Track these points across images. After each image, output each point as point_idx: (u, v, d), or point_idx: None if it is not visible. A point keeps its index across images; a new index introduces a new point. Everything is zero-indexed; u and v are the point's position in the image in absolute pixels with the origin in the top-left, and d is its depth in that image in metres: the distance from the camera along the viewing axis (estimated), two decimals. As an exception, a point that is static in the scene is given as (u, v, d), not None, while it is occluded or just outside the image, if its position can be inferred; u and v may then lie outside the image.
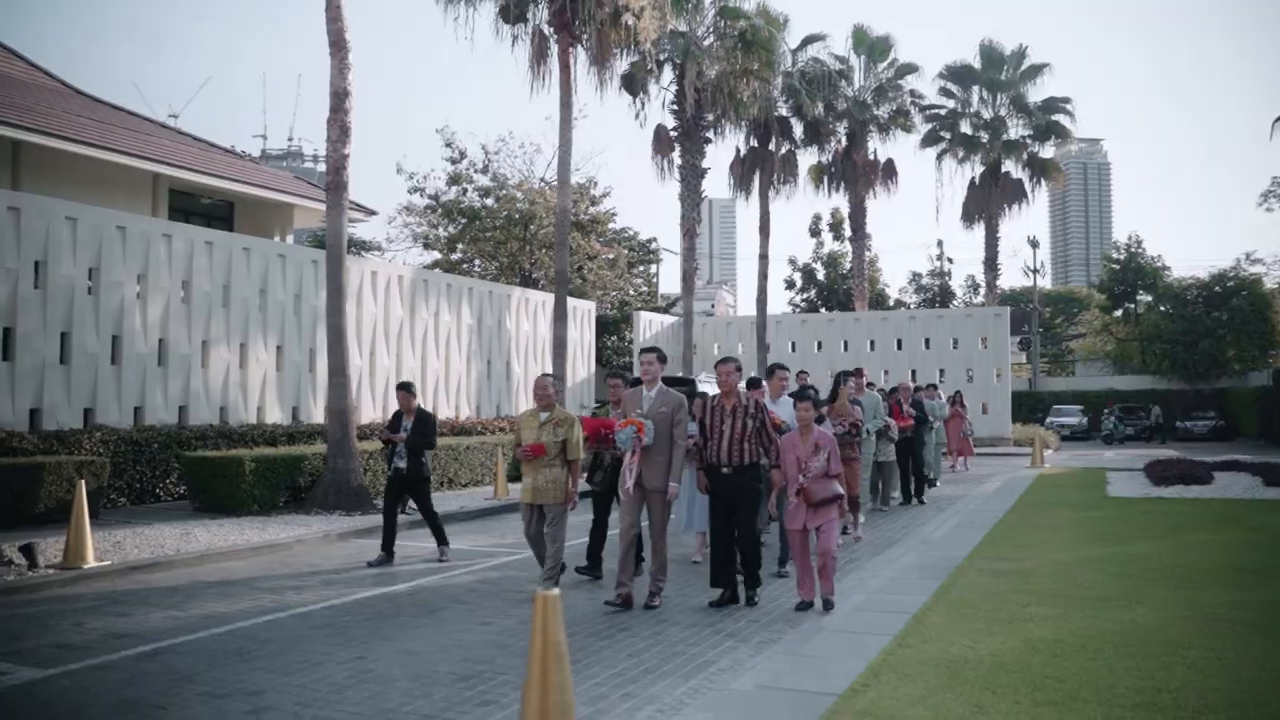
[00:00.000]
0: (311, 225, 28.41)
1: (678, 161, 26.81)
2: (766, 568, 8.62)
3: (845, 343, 32.21)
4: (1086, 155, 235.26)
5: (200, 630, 7.23)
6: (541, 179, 41.40)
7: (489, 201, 37.66)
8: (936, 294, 47.42)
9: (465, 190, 37.51)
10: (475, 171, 37.57)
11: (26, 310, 13.88)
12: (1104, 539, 10.39)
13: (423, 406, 10.75)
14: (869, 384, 14.66)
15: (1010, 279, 61.97)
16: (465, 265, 39.00)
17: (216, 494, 13.46)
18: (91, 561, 9.35)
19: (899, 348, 31.51)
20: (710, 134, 27.45)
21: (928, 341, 31.26)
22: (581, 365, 28.76)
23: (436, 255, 39.78)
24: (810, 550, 7.63)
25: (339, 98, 14.44)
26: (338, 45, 14.40)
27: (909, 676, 5.29)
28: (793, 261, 49.95)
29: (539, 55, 19.99)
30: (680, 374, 21.82)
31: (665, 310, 47.28)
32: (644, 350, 8.13)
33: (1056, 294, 69.41)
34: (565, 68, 20.05)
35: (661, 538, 8.03)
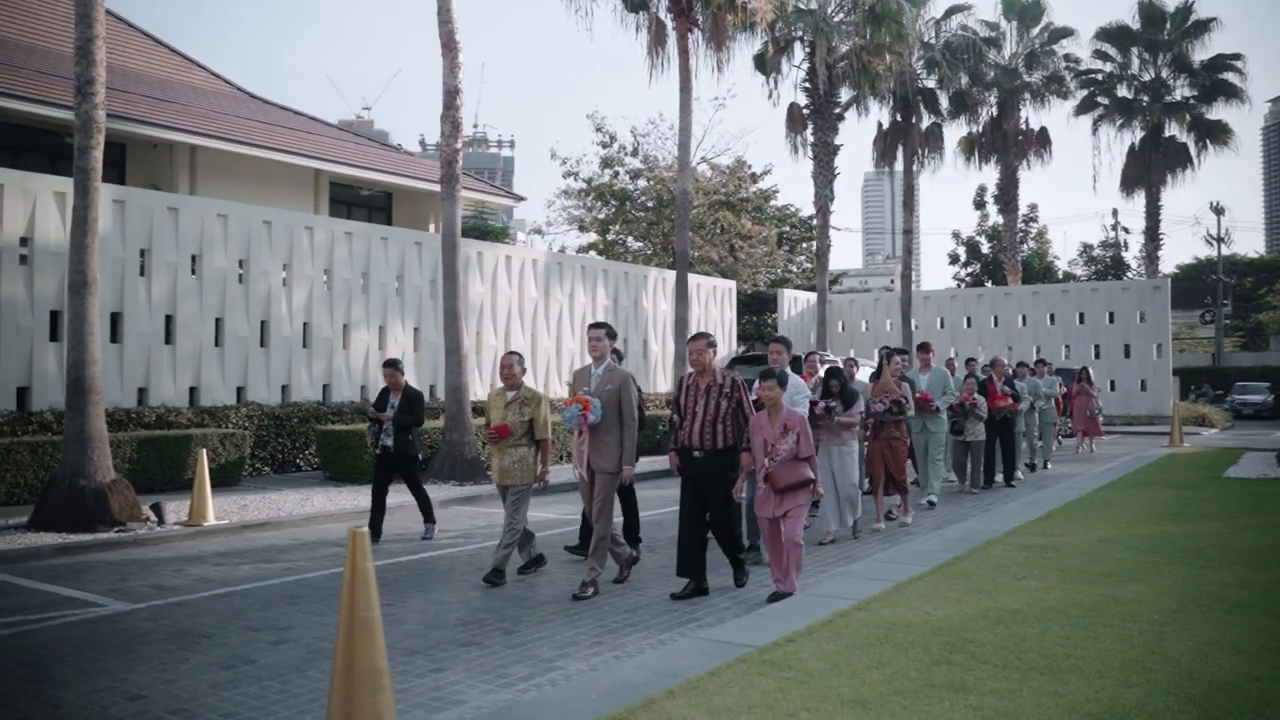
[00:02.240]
0: (469, 212, 29.91)
1: (810, 139, 26.82)
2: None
3: (995, 318, 31.37)
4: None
5: (272, 579, 8.30)
6: (702, 159, 42.08)
7: (640, 183, 38.52)
8: (1109, 266, 45.07)
9: (617, 173, 38.47)
10: (626, 155, 38.50)
11: (185, 299, 15.61)
12: (1168, 518, 10.16)
13: (410, 385, 10.55)
14: (960, 361, 14.56)
15: (1200, 248, 57.85)
16: (619, 247, 40.07)
17: (344, 464, 14.82)
18: (211, 520, 10.68)
19: (1051, 323, 30.44)
20: (842, 110, 27.31)
21: (1082, 316, 30.05)
22: (721, 344, 29.25)
23: (593, 237, 41.01)
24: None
25: (450, 95, 15.48)
26: (449, 46, 15.41)
27: (839, 635, 5.66)
28: (956, 235, 48.66)
29: (657, 41, 20.58)
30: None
31: (829, 287, 46.97)
32: (592, 326, 7.82)
33: (1265, 261, 63.55)
34: (684, 53, 20.56)
35: (605, 524, 7.64)
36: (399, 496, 13.09)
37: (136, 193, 15.46)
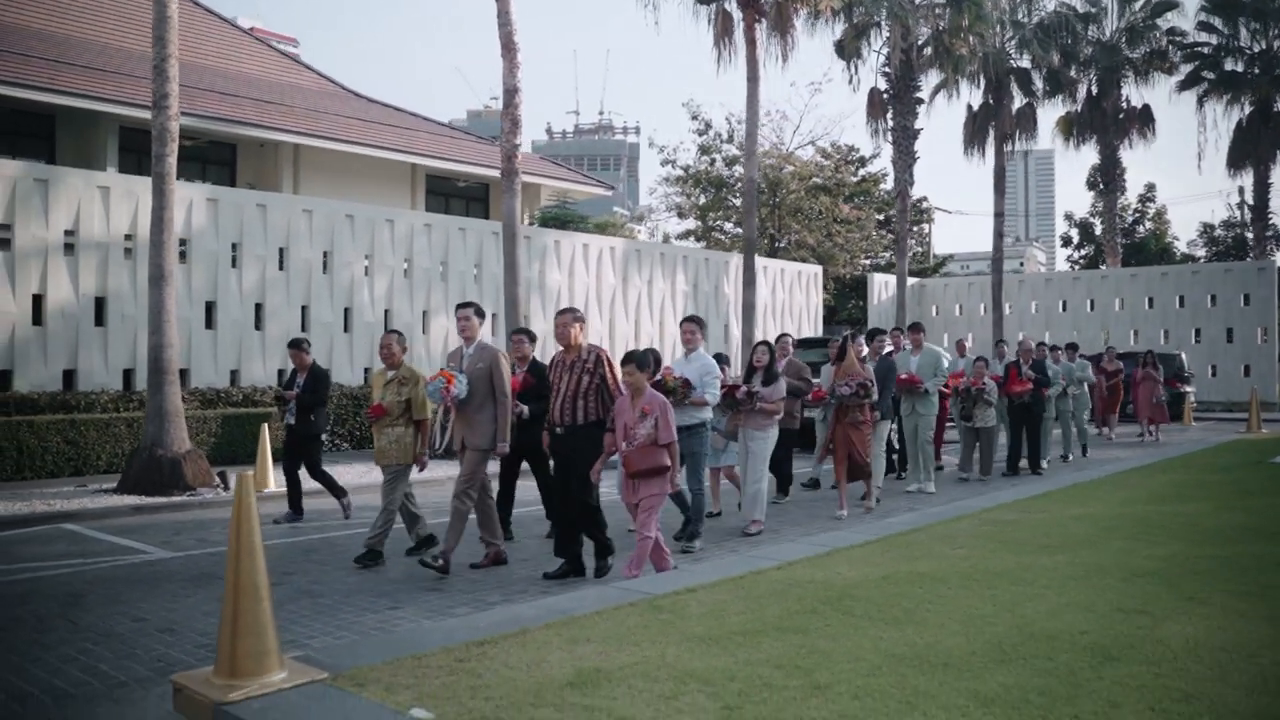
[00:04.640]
0: (552, 201, 31.02)
1: (889, 124, 26.89)
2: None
3: (1091, 302, 30.73)
4: None
5: (301, 536, 9.41)
6: (811, 143, 42.33)
7: (737, 170, 38.99)
8: (1229, 247, 43.18)
9: (713, 160, 39.05)
10: (722, 141, 39.03)
11: (273, 289, 17.07)
12: (1168, 499, 10.28)
13: (317, 364, 10.48)
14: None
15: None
16: (717, 233, 40.69)
17: (411, 440, 16.02)
18: (272, 487, 11.93)
19: (1150, 306, 29.66)
20: (931, 94, 27.29)
21: (1182, 299, 29.20)
22: (808, 329, 29.59)
23: (692, 223, 41.75)
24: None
25: (510, 94, 16.45)
26: (508, 47, 16.37)
27: (739, 589, 6.29)
28: (1069, 217, 47.31)
29: (724, 32, 21.13)
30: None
31: (934, 271, 46.59)
32: (460, 306, 7.83)
33: None
34: (751, 43, 21.06)
35: (466, 497, 7.61)
36: (450, 471, 14.06)
37: (228, 191, 17.01)
